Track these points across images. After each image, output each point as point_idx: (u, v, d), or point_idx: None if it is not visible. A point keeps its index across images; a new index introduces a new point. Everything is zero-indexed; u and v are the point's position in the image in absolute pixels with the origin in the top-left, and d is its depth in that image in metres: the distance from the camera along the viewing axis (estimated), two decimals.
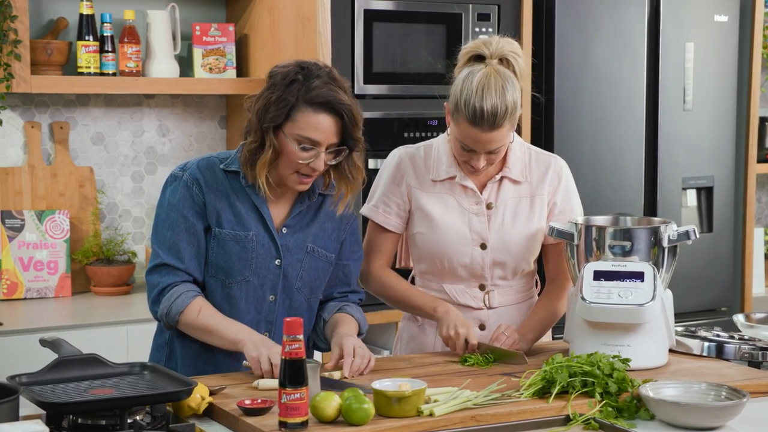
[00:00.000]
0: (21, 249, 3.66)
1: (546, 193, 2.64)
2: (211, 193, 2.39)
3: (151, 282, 2.40)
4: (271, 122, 2.31)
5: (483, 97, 2.41)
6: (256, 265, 2.41)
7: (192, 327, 2.36)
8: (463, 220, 2.59)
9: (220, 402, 2.11)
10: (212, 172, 2.41)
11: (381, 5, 3.73)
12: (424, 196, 2.61)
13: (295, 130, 2.31)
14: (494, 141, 2.46)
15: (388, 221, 2.64)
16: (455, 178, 2.60)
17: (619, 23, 4.10)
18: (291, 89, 2.30)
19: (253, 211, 2.41)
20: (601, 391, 2.14)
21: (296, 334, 1.94)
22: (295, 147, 2.31)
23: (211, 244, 2.40)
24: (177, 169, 2.44)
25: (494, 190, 2.61)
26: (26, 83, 3.51)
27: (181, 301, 2.35)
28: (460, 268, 2.61)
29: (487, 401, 2.10)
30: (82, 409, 1.93)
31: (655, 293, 2.37)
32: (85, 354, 2.14)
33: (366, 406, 1.96)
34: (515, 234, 2.60)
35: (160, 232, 2.41)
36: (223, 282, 2.42)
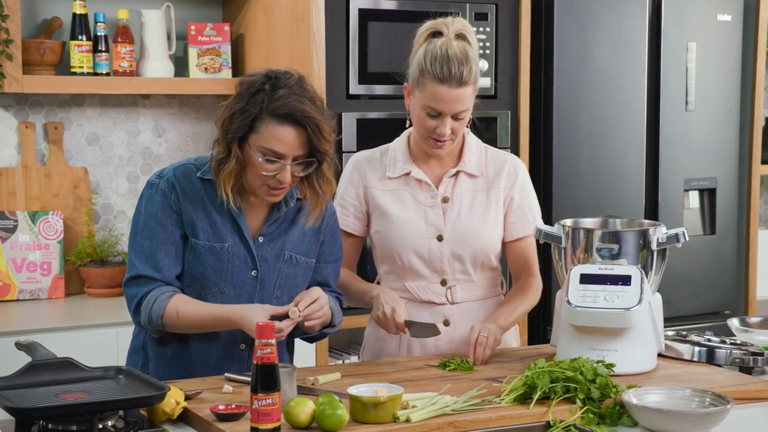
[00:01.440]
0: (14, 250, 3.64)
1: (502, 188, 2.65)
2: (187, 202, 2.35)
3: (129, 294, 2.36)
4: (236, 133, 2.27)
5: (448, 56, 2.49)
6: (232, 276, 2.38)
7: (178, 327, 2.33)
8: (418, 213, 2.61)
9: (195, 407, 2.08)
10: (189, 180, 2.37)
11: (376, 4, 3.70)
12: (380, 194, 2.64)
13: (259, 141, 2.26)
14: (460, 101, 2.49)
15: (346, 223, 2.65)
16: (410, 173, 2.62)
17: (619, 22, 4.05)
18: (255, 99, 2.25)
19: (229, 221, 2.38)
20: (583, 397, 2.10)
21: (268, 339, 1.90)
22: (259, 159, 2.26)
23: (188, 254, 2.37)
24: (153, 176, 2.39)
25: (450, 184, 2.63)
26: (18, 83, 3.49)
27: (158, 306, 2.32)
28: (418, 261, 2.61)
29: (466, 407, 2.07)
30: (51, 415, 1.90)
31: (642, 297, 2.32)
32: (59, 358, 2.12)
33: (340, 412, 1.93)
34: (471, 225, 2.61)
35: (138, 242, 2.36)
36: (198, 292, 2.38)
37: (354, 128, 3.66)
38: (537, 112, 4.02)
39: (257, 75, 2.31)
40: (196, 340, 2.39)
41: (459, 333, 2.63)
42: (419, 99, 2.53)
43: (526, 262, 2.68)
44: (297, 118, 2.24)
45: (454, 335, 2.63)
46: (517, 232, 2.66)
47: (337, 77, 3.64)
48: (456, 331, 2.63)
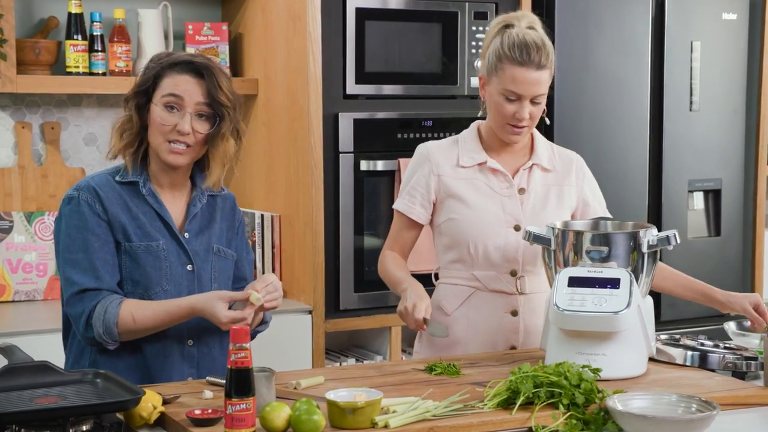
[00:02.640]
0: (9, 251, 3.63)
1: (574, 185, 2.72)
2: (112, 208, 2.35)
3: (74, 312, 2.31)
4: (139, 90, 2.36)
5: (526, 41, 2.56)
6: (171, 273, 2.37)
7: (135, 332, 2.31)
8: (495, 202, 2.64)
9: (172, 412, 2.06)
10: (108, 186, 2.37)
11: (373, 3, 3.66)
12: (453, 182, 2.65)
13: (160, 93, 2.34)
14: (539, 83, 2.55)
15: (413, 211, 2.67)
16: (485, 162, 2.65)
17: (622, 21, 4.00)
18: (153, 65, 2.37)
19: (156, 219, 2.39)
20: (567, 402, 2.06)
21: (242, 343, 1.87)
22: (161, 111, 2.33)
23: (123, 260, 2.35)
24: (70, 191, 2.38)
25: (525, 176, 2.67)
26: (12, 83, 3.47)
27: (111, 315, 2.27)
28: (493, 251, 2.62)
29: (447, 412, 2.03)
30: (22, 419, 1.87)
31: (631, 300, 2.28)
32: (35, 361, 2.09)
33: (316, 418, 1.90)
34: (547, 217, 2.63)
35: (70, 258, 2.32)
36: (141, 295, 2.36)
37: (351, 128, 3.63)
38: None
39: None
40: (147, 345, 2.36)
41: (526, 323, 2.63)
42: (497, 85, 2.58)
43: None
44: (196, 66, 2.34)
45: (521, 326, 2.62)
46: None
47: (334, 77, 3.61)
48: (523, 321, 2.63)
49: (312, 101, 3.55)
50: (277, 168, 3.77)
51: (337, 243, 3.64)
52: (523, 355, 2.58)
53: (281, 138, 3.73)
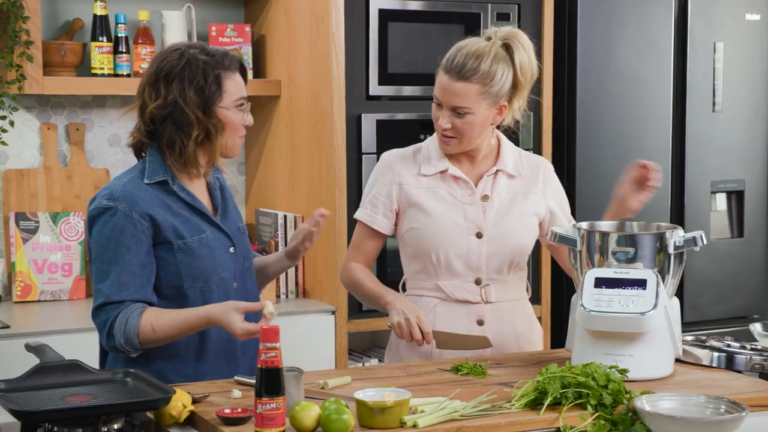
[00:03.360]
0: (35, 251, 3.65)
1: (540, 192, 2.67)
2: (155, 211, 2.34)
3: (99, 322, 2.33)
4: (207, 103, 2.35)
5: (460, 49, 2.53)
6: (222, 259, 2.41)
7: (157, 341, 2.31)
8: (457, 210, 2.60)
9: (202, 411, 2.07)
10: (143, 191, 2.36)
11: (396, 5, 3.67)
12: (415, 191, 2.61)
13: (230, 97, 2.38)
14: (458, 95, 2.50)
15: (374, 221, 2.64)
16: (447, 170, 2.61)
17: (644, 22, 3.99)
18: (203, 70, 2.35)
19: (193, 213, 2.40)
20: (595, 403, 2.06)
21: (273, 342, 1.88)
22: (236, 113, 2.39)
23: (179, 258, 2.36)
24: (104, 200, 2.33)
25: (489, 183, 2.63)
26: (38, 84, 3.50)
27: (131, 324, 2.28)
28: (455, 259, 2.58)
29: (475, 413, 2.03)
30: (54, 418, 1.89)
31: (657, 301, 2.27)
32: (66, 360, 2.11)
33: (345, 417, 1.90)
34: (511, 224, 2.60)
35: (101, 269, 2.32)
36: (202, 288, 2.38)
37: (374, 129, 3.64)
38: (560, 114, 3.97)
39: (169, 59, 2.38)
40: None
41: (492, 333, 2.60)
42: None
43: None
44: (239, 64, 2.43)
45: (487, 335, 2.58)
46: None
47: (357, 78, 3.62)
48: (489, 331, 2.60)
49: (335, 102, 3.56)
50: (299, 169, 3.79)
51: None
52: (548, 356, 2.58)
53: (304, 139, 3.75)
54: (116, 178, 2.44)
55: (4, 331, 3.22)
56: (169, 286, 2.37)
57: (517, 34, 2.57)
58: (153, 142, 2.40)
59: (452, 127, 2.54)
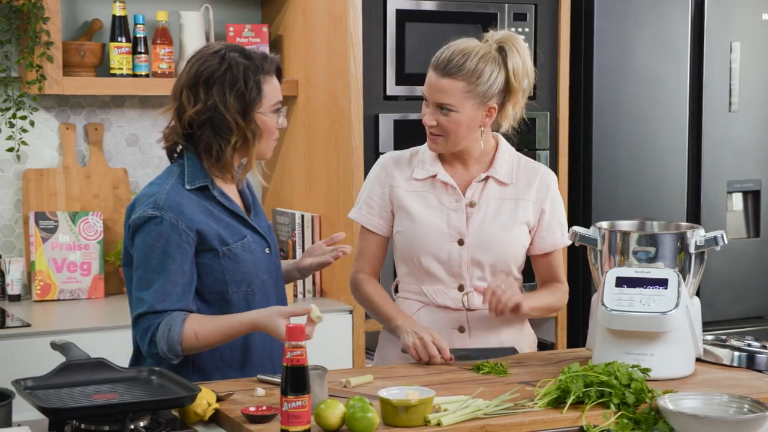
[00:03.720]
0: (54, 250, 3.67)
1: (532, 200, 2.60)
2: (199, 219, 2.33)
3: (140, 331, 2.32)
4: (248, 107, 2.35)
5: (449, 47, 2.53)
6: (261, 261, 2.42)
7: (199, 348, 2.31)
8: (442, 216, 2.58)
9: (227, 408, 2.08)
10: (186, 198, 2.34)
11: (413, 5, 3.68)
12: (405, 194, 2.61)
13: (268, 103, 2.38)
14: (442, 91, 2.49)
15: (371, 222, 2.64)
16: (436, 175, 2.59)
17: (661, 21, 4.00)
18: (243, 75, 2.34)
19: (231, 216, 2.40)
20: (618, 402, 2.07)
21: (298, 341, 1.90)
22: (273, 117, 2.39)
23: (224, 264, 2.35)
24: (149, 209, 2.31)
25: (479, 189, 2.60)
26: (58, 85, 3.52)
27: (175, 333, 2.27)
28: (436, 264, 2.57)
29: (499, 411, 2.04)
30: (82, 415, 1.91)
31: (679, 301, 2.28)
32: (92, 358, 2.13)
33: (370, 415, 1.92)
34: (495, 232, 2.57)
35: (145, 277, 2.30)
36: (246, 293, 2.40)
37: (391, 129, 3.65)
38: (576, 114, 3.98)
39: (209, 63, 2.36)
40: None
41: (474, 341, 2.58)
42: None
43: (554, 273, 2.65)
44: (277, 67, 2.42)
45: (468, 343, 2.57)
46: (546, 247, 2.61)
47: (374, 78, 3.63)
48: (471, 338, 2.58)
49: (353, 103, 3.57)
50: (317, 169, 3.80)
51: None
52: (568, 355, 2.59)
53: (321, 139, 3.76)
54: (155, 183, 2.40)
55: (25, 330, 3.24)
56: (213, 292, 2.37)
57: (512, 38, 2.55)
58: (189, 144, 2.38)
59: (437, 124, 2.52)
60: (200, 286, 2.36)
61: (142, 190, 2.41)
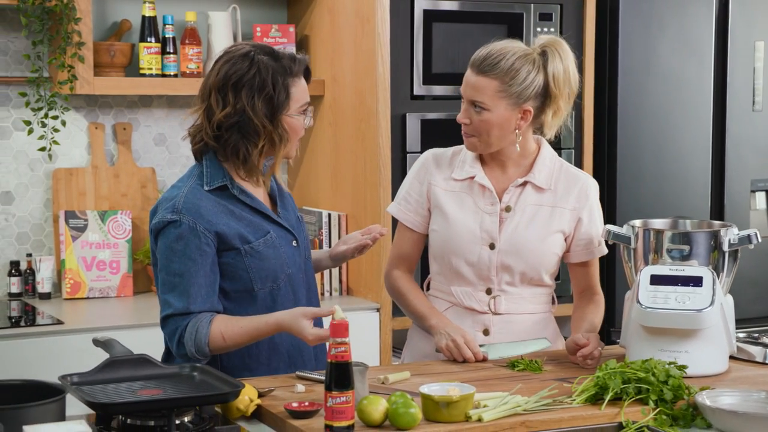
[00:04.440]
0: (84, 249, 3.71)
1: (570, 208, 2.59)
2: (218, 220, 2.35)
3: (168, 331, 2.36)
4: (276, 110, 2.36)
5: (488, 46, 2.54)
6: (287, 256, 2.44)
7: (227, 348, 2.34)
8: (475, 219, 2.58)
9: (269, 404, 2.11)
10: (206, 199, 2.36)
11: (440, 5, 3.71)
12: (442, 193, 2.62)
13: (296, 103, 2.39)
14: (477, 89, 2.50)
15: (407, 218, 2.66)
16: (474, 177, 2.59)
17: (685, 21, 4.01)
18: (272, 78, 2.35)
19: (254, 213, 2.42)
20: (656, 399, 2.09)
21: (343, 337, 1.92)
22: (299, 119, 2.41)
23: (248, 263, 2.38)
24: (168, 213, 2.34)
25: (516, 194, 2.59)
26: (89, 85, 3.56)
27: (202, 334, 2.30)
28: (466, 267, 2.57)
29: (538, 407, 2.07)
30: (130, 410, 1.94)
31: (714, 298, 2.30)
32: (135, 354, 2.15)
33: (413, 411, 1.94)
34: (527, 239, 2.55)
35: (169, 280, 2.34)
36: (271, 288, 2.42)
37: (418, 129, 3.68)
38: (601, 113, 4.00)
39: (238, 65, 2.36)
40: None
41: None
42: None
43: (590, 283, 2.65)
44: (306, 68, 2.43)
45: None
46: (582, 256, 2.61)
47: (401, 78, 3.66)
48: (494, 341, 2.58)
49: (380, 102, 3.60)
50: (343, 168, 3.83)
51: None
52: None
53: (348, 138, 3.79)
54: (175, 186, 2.42)
55: (58, 327, 3.28)
56: (238, 290, 2.40)
57: (556, 42, 2.52)
58: (218, 145, 2.39)
59: (470, 123, 2.53)
60: (225, 285, 2.39)
61: (164, 194, 2.45)
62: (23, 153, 3.75)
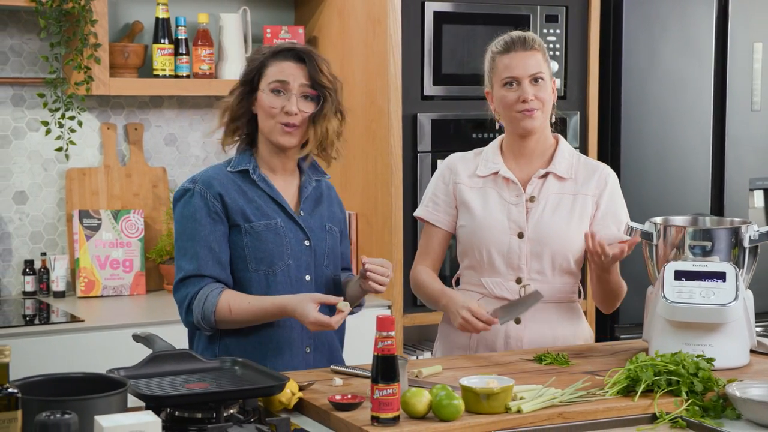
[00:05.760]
0: (98, 248, 3.74)
1: (590, 194, 2.69)
2: (228, 196, 2.47)
3: (179, 297, 2.46)
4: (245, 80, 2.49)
5: (510, 35, 2.69)
6: (291, 247, 2.50)
7: (232, 322, 2.42)
8: (502, 210, 2.67)
9: (310, 397, 2.16)
10: (222, 175, 2.51)
11: (450, 7, 3.77)
12: (467, 190, 2.71)
13: (267, 81, 2.47)
14: (532, 63, 2.63)
15: (436, 218, 2.74)
16: (498, 172, 2.69)
17: (686, 23, 4.09)
18: (257, 56, 2.51)
19: (270, 202, 2.51)
20: (687, 390, 2.16)
21: (389, 331, 1.98)
22: (268, 96, 2.46)
23: (245, 241, 2.47)
24: (186, 183, 2.52)
25: (538, 185, 2.69)
26: (105, 86, 3.59)
27: (210, 303, 2.40)
28: (497, 257, 2.65)
29: (573, 399, 2.13)
30: (182, 403, 1.98)
31: (738, 293, 2.37)
32: (178, 349, 2.20)
33: (456, 402, 2.00)
34: (553, 226, 2.65)
35: (180, 245, 2.48)
36: (266, 273, 2.48)
37: (429, 129, 3.73)
38: (605, 113, 4.07)
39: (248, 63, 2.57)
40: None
41: (529, 332, 2.66)
42: (496, 83, 2.67)
43: None
44: (297, 53, 2.48)
45: (524, 333, 2.66)
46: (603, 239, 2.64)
47: (412, 78, 3.72)
48: (526, 329, 2.66)
49: (392, 102, 3.65)
50: (353, 167, 3.88)
51: (414, 240, 3.74)
52: (623, 346, 2.68)
53: (358, 138, 3.84)
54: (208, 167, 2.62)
55: (78, 325, 3.31)
56: (236, 269, 2.49)
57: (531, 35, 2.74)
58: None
59: (535, 98, 2.63)
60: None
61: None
62: (37, 153, 3.77)
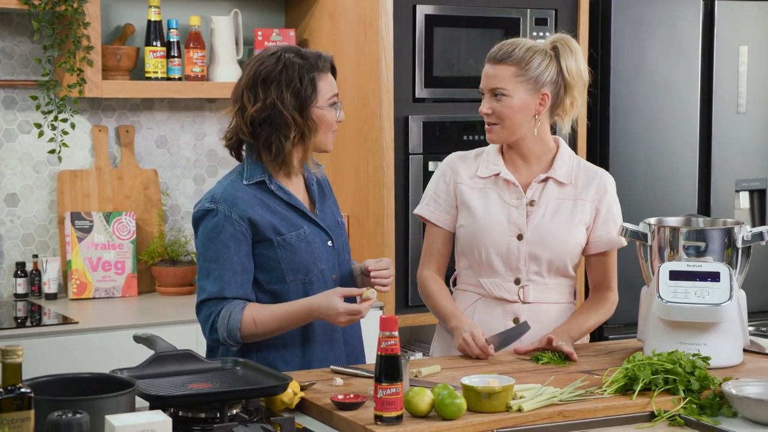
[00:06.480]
0: (90, 250, 3.74)
1: (589, 200, 2.71)
2: (255, 213, 2.46)
3: (202, 317, 2.47)
4: (303, 103, 2.46)
5: (502, 42, 2.69)
6: (320, 252, 2.53)
7: (259, 335, 2.44)
8: (503, 212, 2.69)
9: (312, 397, 2.18)
10: (242, 191, 2.48)
11: (441, 10, 3.79)
12: (468, 190, 2.73)
13: (324, 96, 2.50)
14: (495, 77, 2.63)
15: (437, 217, 2.76)
16: (499, 174, 2.70)
17: (673, 26, 4.14)
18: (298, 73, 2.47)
19: (290, 210, 2.52)
20: (684, 389, 2.19)
21: (392, 331, 2.00)
22: (330, 111, 2.51)
23: (279, 254, 2.47)
24: (206, 203, 2.48)
25: (539, 189, 2.70)
26: (98, 88, 3.59)
27: (234, 319, 2.41)
28: (496, 258, 2.67)
29: (573, 397, 2.16)
30: (186, 403, 1.99)
31: (732, 293, 2.41)
32: (180, 350, 2.21)
33: (458, 401, 2.02)
34: (553, 230, 2.67)
35: (204, 266, 2.46)
36: (303, 281, 2.50)
37: (420, 131, 3.76)
38: (594, 116, 4.10)
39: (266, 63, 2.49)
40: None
41: (527, 334, 2.66)
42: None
43: (606, 276, 2.74)
44: (331, 63, 2.56)
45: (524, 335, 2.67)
46: (600, 247, 2.70)
47: (403, 81, 3.74)
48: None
49: (384, 104, 3.68)
50: (344, 169, 3.90)
51: (406, 241, 3.77)
52: (617, 345, 2.71)
53: (349, 140, 3.86)
54: (218, 182, 2.55)
55: (71, 327, 3.31)
56: (272, 281, 2.49)
57: (565, 38, 2.69)
58: (253, 141, 2.50)
59: (492, 112, 2.64)
60: (259, 277, 2.50)
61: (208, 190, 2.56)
62: (28, 155, 3.77)
